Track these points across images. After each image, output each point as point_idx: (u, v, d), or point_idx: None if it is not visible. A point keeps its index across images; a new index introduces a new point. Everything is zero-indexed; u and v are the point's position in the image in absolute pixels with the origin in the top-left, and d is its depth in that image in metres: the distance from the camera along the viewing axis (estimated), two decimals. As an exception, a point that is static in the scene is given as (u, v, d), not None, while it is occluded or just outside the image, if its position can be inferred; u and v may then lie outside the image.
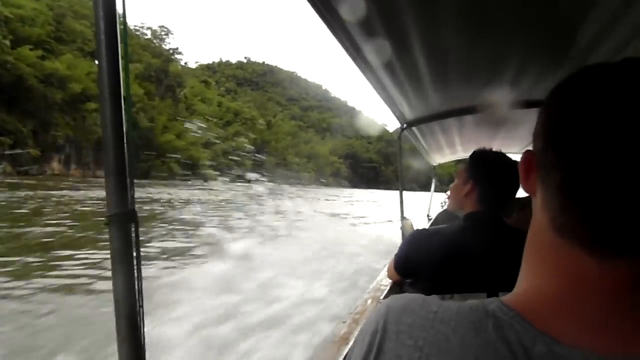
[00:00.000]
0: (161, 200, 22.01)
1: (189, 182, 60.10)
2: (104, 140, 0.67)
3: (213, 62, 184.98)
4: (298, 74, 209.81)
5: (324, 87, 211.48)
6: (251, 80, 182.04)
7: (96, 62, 0.65)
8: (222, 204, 22.58)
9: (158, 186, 38.97)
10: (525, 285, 0.37)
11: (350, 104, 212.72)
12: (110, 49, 0.65)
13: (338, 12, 1.16)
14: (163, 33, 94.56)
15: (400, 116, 2.64)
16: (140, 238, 0.72)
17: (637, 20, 1.14)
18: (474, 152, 1.25)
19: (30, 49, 47.86)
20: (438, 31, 1.27)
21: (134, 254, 0.71)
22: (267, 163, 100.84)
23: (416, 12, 1.15)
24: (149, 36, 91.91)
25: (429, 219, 4.87)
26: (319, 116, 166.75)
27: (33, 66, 46.98)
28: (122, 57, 0.66)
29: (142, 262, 0.72)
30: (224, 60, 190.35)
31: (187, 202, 22.82)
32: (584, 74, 0.34)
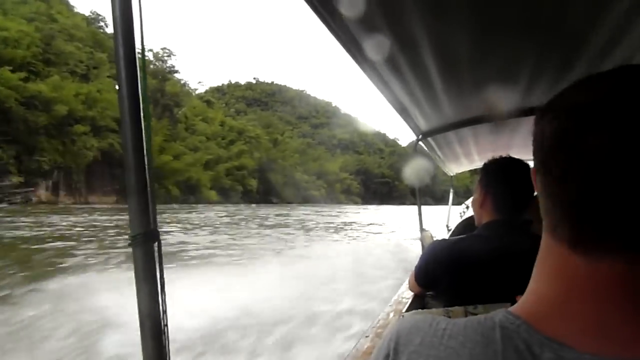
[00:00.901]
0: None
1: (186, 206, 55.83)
2: (125, 163, 0.69)
3: (222, 84, 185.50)
4: (307, 92, 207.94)
5: (334, 104, 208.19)
6: (260, 100, 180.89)
7: (116, 87, 0.68)
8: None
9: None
10: (530, 292, 0.37)
11: (361, 120, 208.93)
12: (129, 76, 0.68)
13: (350, 28, 1.17)
14: (165, 55, 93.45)
15: (415, 127, 2.65)
16: None
17: None
18: (484, 164, 1.25)
19: (12, 71, 45.37)
20: (449, 41, 1.28)
21: (158, 274, 0.71)
22: (274, 181, 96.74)
23: (426, 21, 1.13)
24: (151, 58, 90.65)
25: (448, 230, 4.50)
26: (329, 133, 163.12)
27: (14, 89, 44.36)
28: (140, 84, 0.69)
29: None
30: (233, 82, 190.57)
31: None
32: (560, 92, 0.35)
